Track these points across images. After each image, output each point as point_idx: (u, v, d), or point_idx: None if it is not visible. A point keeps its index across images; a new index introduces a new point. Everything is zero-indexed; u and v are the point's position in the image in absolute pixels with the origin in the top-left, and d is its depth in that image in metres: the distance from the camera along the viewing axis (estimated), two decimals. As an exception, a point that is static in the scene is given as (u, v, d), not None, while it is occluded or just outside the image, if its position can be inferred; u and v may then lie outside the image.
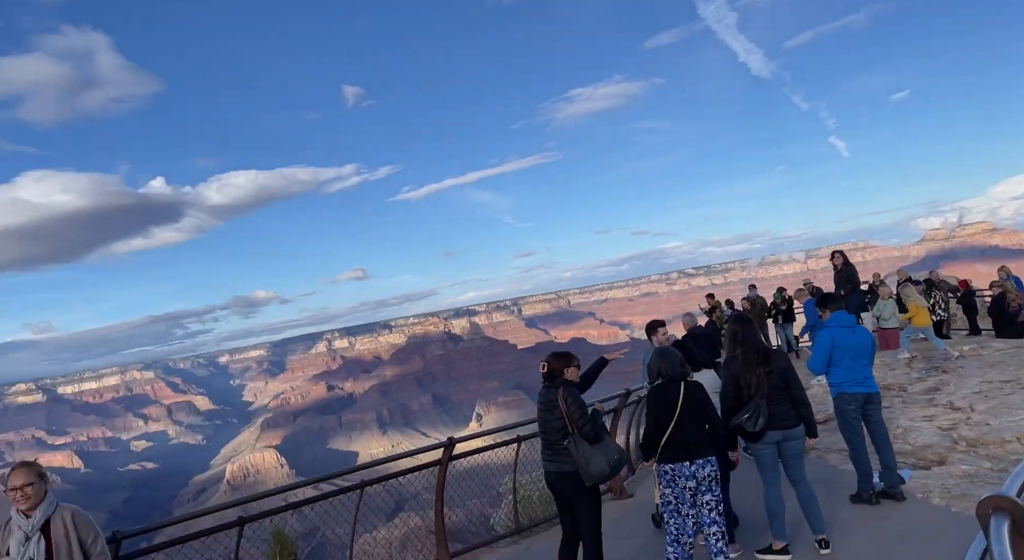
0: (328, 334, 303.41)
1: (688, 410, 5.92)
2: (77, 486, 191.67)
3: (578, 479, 5.75)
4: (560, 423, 5.77)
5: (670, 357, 6.25)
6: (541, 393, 6.11)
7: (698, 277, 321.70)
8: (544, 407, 5.97)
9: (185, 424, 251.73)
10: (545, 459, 6.01)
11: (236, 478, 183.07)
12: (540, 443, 6.12)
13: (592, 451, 5.74)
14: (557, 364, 5.99)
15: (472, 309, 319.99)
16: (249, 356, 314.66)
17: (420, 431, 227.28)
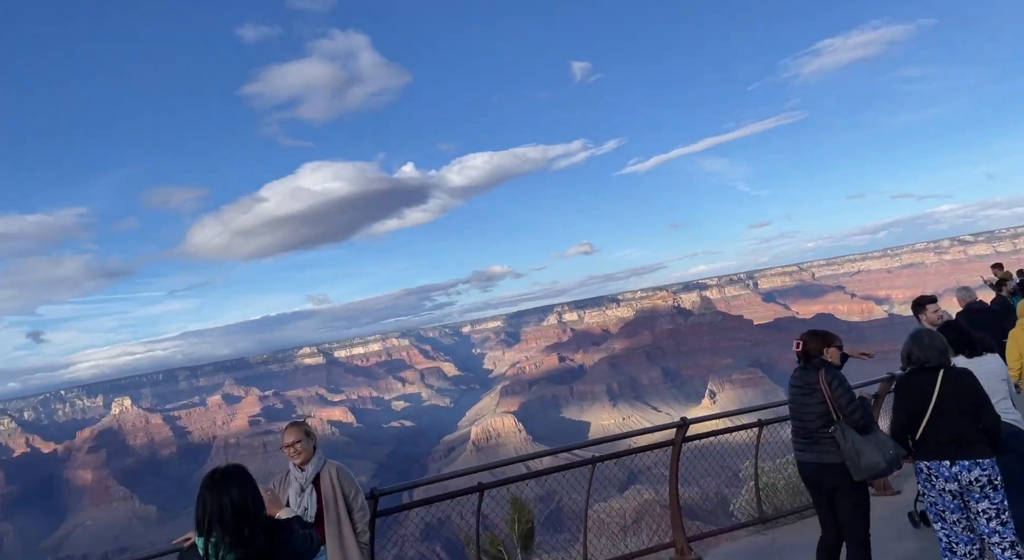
0: (558, 307, 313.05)
1: (948, 403, 5.09)
2: (351, 438, 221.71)
3: (843, 472, 5.19)
4: (822, 408, 5.27)
5: (924, 341, 5.38)
6: (795, 375, 5.56)
7: (977, 245, 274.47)
8: (800, 390, 5.45)
9: (435, 388, 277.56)
10: (799, 448, 5.50)
11: (480, 440, 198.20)
12: (791, 429, 5.62)
13: (863, 442, 5.10)
14: (815, 343, 5.46)
15: (702, 283, 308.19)
16: (488, 327, 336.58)
17: (650, 405, 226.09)
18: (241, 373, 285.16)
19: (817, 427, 5.32)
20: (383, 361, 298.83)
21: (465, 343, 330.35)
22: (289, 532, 4.50)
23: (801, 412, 5.45)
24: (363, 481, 37.63)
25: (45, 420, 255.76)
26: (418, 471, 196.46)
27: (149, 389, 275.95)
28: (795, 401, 5.52)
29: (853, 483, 5.22)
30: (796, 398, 5.51)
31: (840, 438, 5.15)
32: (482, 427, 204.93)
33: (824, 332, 5.59)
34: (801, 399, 5.44)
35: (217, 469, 4.55)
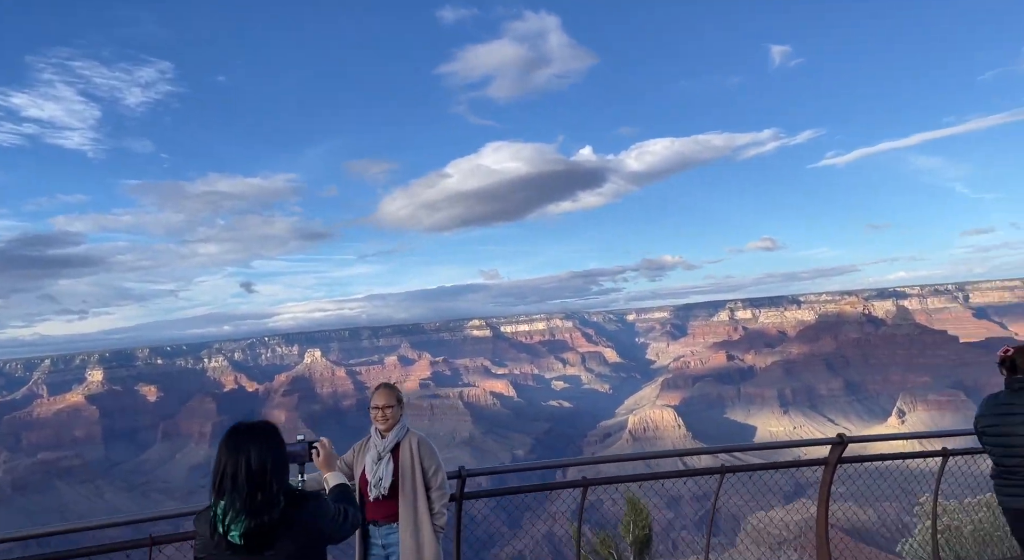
0: (731, 303, 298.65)
1: None
2: (511, 412, 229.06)
3: None
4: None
5: None
6: (1000, 397, 4.52)
7: None
8: (1012, 418, 4.42)
9: (595, 372, 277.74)
10: (1011, 493, 4.48)
11: (637, 430, 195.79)
12: (994, 469, 4.60)
13: None
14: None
15: (900, 291, 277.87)
16: (653, 317, 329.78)
17: (827, 417, 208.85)
18: (416, 338, 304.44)
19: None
20: (546, 340, 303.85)
21: (629, 331, 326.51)
22: (316, 505, 3.95)
23: (1007, 445, 4.37)
24: (519, 455, 38.62)
25: (251, 362, 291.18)
26: (573, 451, 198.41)
27: (336, 344, 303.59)
28: (1003, 431, 4.43)
29: None
30: (1005, 427, 4.43)
31: None
32: (640, 417, 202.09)
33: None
34: (1008, 428, 4.38)
35: (241, 423, 4.16)
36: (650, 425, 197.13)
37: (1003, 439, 4.35)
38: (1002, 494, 4.47)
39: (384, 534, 5.16)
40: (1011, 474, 4.35)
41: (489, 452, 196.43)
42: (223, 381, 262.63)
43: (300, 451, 4.60)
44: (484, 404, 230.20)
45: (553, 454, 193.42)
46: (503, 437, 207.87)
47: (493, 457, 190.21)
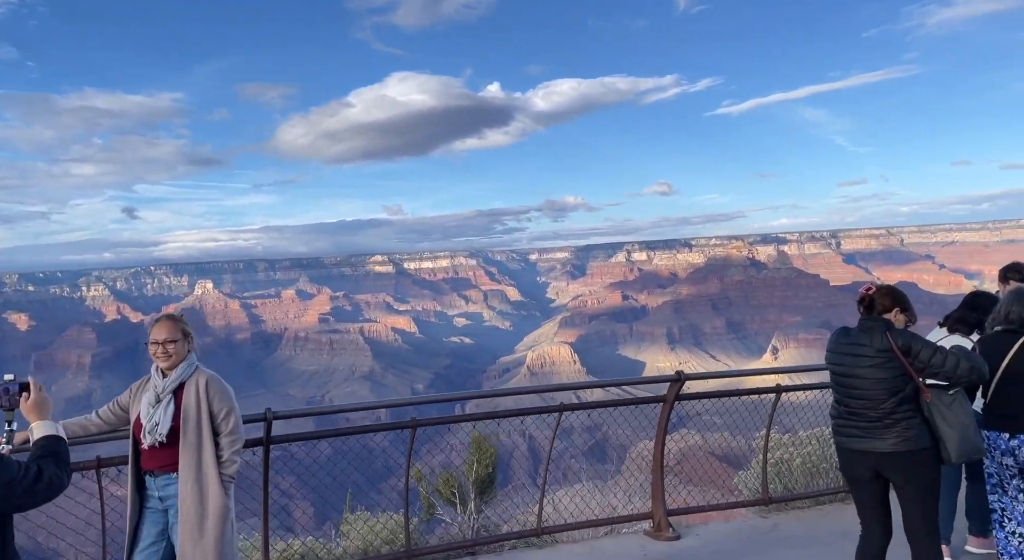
0: (628, 245, 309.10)
1: (1020, 370, 4.57)
2: (412, 348, 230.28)
3: (924, 457, 4.14)
4: (896, 381, 4.11)
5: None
6: (850, 336, 4.35)
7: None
8: (861, 359, 4.19)
9: (497, 310, 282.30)
10: (854, 434, 4.26)
11: (534, 365, 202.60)
12: (836, 410, 4.44)
13: (964, 416, 4.14)
14: (886, 300, 4.39)
15: (781, 236, 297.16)
16: (555, 257, 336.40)
17: (709, 353, 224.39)
18: (315, 272, 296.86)
19: (888, 406, 4.12)
20: (449, 277, 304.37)
21: (531, 270, 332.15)
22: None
23: (860, 387, 4.18)
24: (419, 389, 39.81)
25: (135, 292, 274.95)
26: (472, 387, 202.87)
27: (230, 275, 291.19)
28: (850, 373, 4.22)
29: (932, 469, 4.22)
30: (853, 369, 4.20)
31: (938, 417, 4.13)
32: (538, 353, 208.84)
33: (902, 293, 4.47)
34: (863, 370, 4.16)
35: None
36: (547, 361, 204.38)
37: (848, 380, 4.22)
38: (841, 435, 4.34)
39: (161, 485, 4.46)
40: (853, 415, 4.21)
41: (389, 387, 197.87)
42: (104, 311, 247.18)
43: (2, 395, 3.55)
44: (385, 340, 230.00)
45: (453, 388, 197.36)
46: (404, 372, 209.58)
47: (393, 391, 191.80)
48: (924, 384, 4.17)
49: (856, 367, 4.23)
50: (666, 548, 5.97)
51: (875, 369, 4.15)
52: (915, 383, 4.17)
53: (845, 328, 4.53)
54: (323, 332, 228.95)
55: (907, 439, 4.13)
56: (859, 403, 4.24)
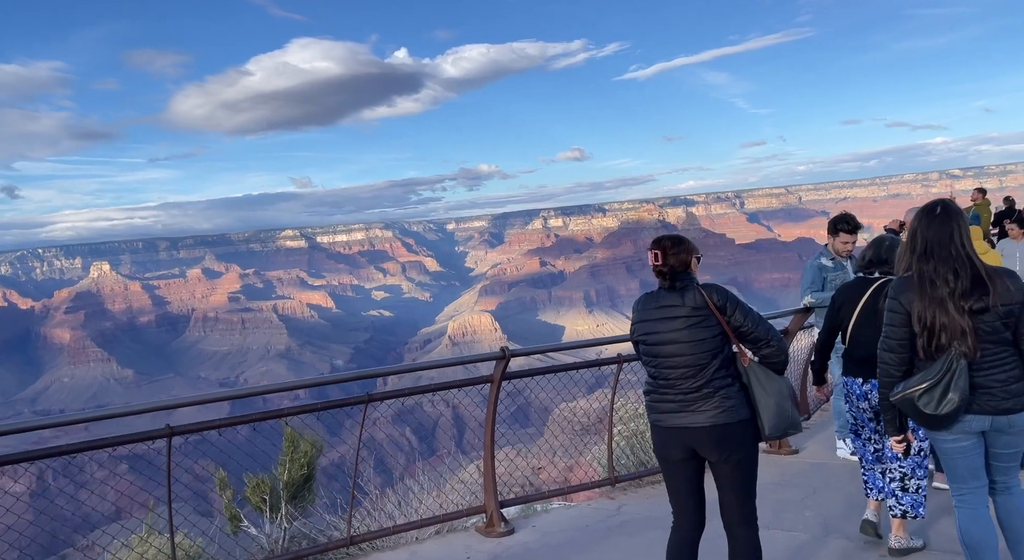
0: (544, 212, 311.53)
1: (872, 315, 4.42)
2: (329, 323, 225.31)
3: (738, 432, 3.66)
4: (711, 345, 3.64)
5: (885, 243, 4.71)
6: (661, 297, 3.77)
7: (965, 179, 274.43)
8: (671, 322, 3.68)
9: (416, 281, 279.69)
10: (670, 408, 3.73)
11: (456, 335, 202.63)
12: (650, 383, 3.85)
13: (781, 384, 3.70)
14: (683, 254, 3.73)
15: (690, 198, 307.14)
16: (472, 226, 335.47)
17: (625, 315, 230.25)
18: (222, 249, 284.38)
19: (708, 372, 3.65)
20: (365, 250, 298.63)
21: (448, 240, 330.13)
22: None
23: (678, 353, 3.66)
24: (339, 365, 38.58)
25: (22, 276, 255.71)
26: (394, 359, 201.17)
27: (128, 256, 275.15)
28: (665, 339, 3.70)
29: (749, 446, 3.75)
30: (668, 333, 3.69)
31: (756, 383, 3.67)
32: (459, 323, 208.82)
33: (686, 238, 3.89)
34: (679, 333, 3.66)
35: None
36: (469, 330, 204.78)
37: (663, 347, 3.69)
38: (656, 411, 3.80)
39: None
40: (669, 387, 3.71)
41: (307, 364, 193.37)
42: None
43: None
44: (300, 316, 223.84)
45: (374, 362, 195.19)
46: (321, 348, 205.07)
47: (312, 368, 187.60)
48: (755, 346, 3.71)
49: (671, 331, 3.66)
50: (493, 546, 5.34)
51: (693, 330, 3.62)
52: (735, 344, 3.70)
53: (649, 292, 3.87)
54: (234, 311, 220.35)
55: (726, 410, 3.61)
56: (677, 372, 3.66)
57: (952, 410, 3.33)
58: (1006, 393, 3.35)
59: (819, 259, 6.38)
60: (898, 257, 3.70)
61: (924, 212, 3.54)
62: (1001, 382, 3.35)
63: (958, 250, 3.35)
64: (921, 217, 3.51)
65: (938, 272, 3.34)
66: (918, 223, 3.48)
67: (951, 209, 3.50)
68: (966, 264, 3.33)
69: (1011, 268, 3.41)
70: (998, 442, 3.46)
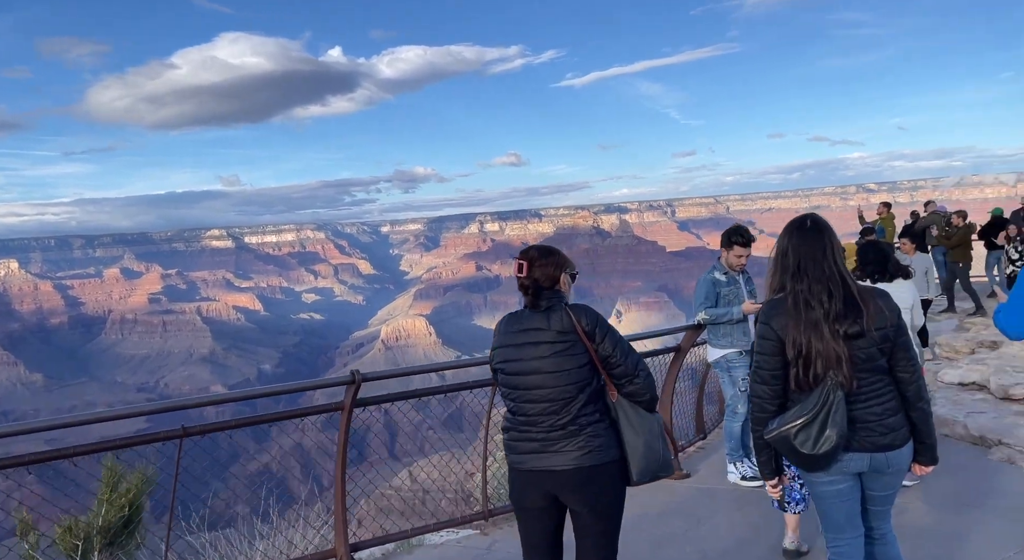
0: (481, 216, 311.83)
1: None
2: (256, 326, 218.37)
3: (606, 476, 3.12)
4: (582, 373, 3.10)
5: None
6: (524, 318, 3.27)
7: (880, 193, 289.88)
8: (534, 348, 3.15)
9: (348, 284, 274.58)
10: (527, 448, 3.17)
11: (389, 339, 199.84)
12: (510, 419, 3.29)
13: (652, 422, 3.17)
14: (551, 268, 3.28)
15: (624, 206, 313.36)
16: (408, 229, 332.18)
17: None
18: (142, 248, 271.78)
19: (575, 407, 3.10)
20: (296, 252, 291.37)
21: (383, 243, 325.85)
22: None
23: (541, 384, 3.11)
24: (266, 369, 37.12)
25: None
26: (324, 364, 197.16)
27: (39, 254, 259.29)
28: (527, 368, 3.15)
29: (618, 490, 3.21)
30: (531, 362, 3.14)
31: (624, 418, 3.14)
32: (393, 327, 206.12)
33: (558, 250, 3.45)
34: (543, 361, 3.11)
35: None
36: (403, 334, 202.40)
37: (524, 378, 3.15)
38: (515, 452, 3.23)
39: None
40: (530, 425, 3.15)
41: (232, 368, 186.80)
42: None
43: None
44: (226, 319, 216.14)
45: (303, 366, 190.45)
46: (248, 352, 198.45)
47: (237, 372, 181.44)
48: (620, 381, 3.17)
49: (534, 358, 3.11)
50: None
51: (558, 358, 3.08)
52: (604, 376, 3.16)
53: (513, 313, 3.34)
54: (154, 313, 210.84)
55: (593, 450, 3.07)
56: (539, 407, 3.11)
57: (831, 448, 2.87)
58: (884, 427, 2.93)
59: (712, 273, 6.12)
60: (767, 277, 3.17)
61: (795, 227, 3.08)
62: (878, 415, 2.93)
63: (831, 267, 2.93)
64: (792, 232, 3.06)
65: (812, 292, 2.90)
66: (789, 239, 3.04)
67: (821, 224, 3.10)
68: (839, 283, 2.91)
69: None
70: (876, 484, 3.06)
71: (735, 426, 6.06)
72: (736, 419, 6.05)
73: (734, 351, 6.01)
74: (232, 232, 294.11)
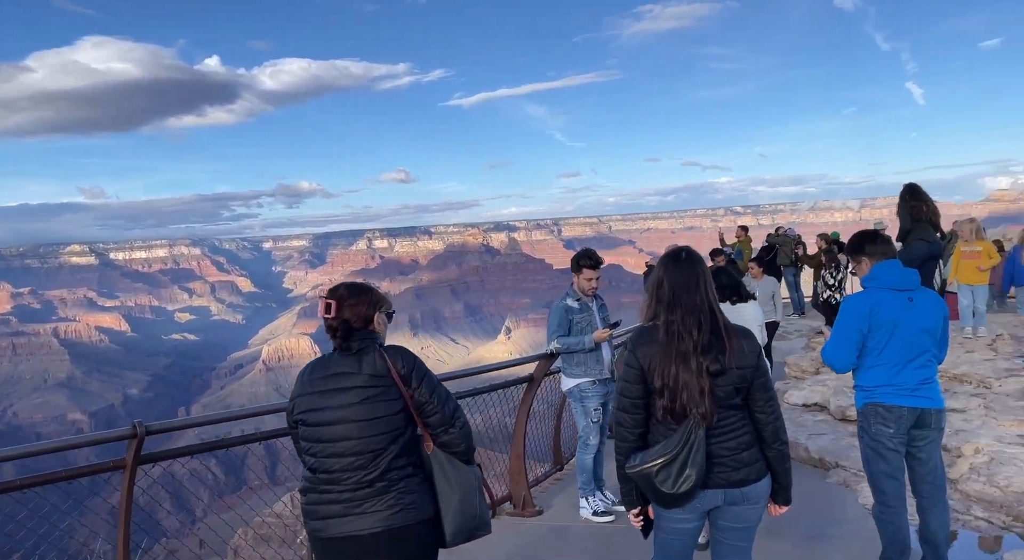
0: (369, 233, 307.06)
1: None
2: (122, 348, 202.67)
3: (418, 538, 2.80)
4: (395, 421, 2.78)
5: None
6: (332, 363, 2.87)
7: (745, 216, 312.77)
8: (343, 389, 2.78)
9: (227, 303, 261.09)
10: (328, 512, 2.74)
11: (271, 359, 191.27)
12: (308, 480, 2.83)
13: (468, 476, 2.90)
14: (363, 307, 2.91)
15: (512, 224, 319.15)
16: (292, 245, 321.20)
17: (449, 337, 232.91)
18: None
19: (385, 460, 2.75)
20: (168, 269, 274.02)
21: (265, 259, 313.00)
22: None
23: (347, 435, 2.74)
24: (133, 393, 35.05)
25: None
26: (199, 386, 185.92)
27: None
28: (331, 419, 2.77)
29: (431, 554, 2.90)
30: (330, 411, 2.77)
31: (440, 475, 2.84)
32: (275, 347, 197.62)
33: (372, 288, 3.06)
34: (350, 410, 2.75)
35: None
36: (285, 354, 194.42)
37: (327, 430, 2.78)
38: (316, 517, 2.78)
39: None
40: (332, 483, 2.76)
41: (94, 393, 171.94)
42: None
43: None
44: (87, 341, 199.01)
45: (176, 390, 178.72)
46: (112, 376, 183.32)
47: (99, 398, 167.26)
48: (435, 430, 2.85)
49: (342, 407, 2.75)
50: None
51: (368, 405, 2.74)
52: (419, 425, 2.84)
53: (320, 358, 2.96)
54: (3, 335, 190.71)
55: (404, 509, 2.74)
56: (344, 461, 2.73)
57: (690, 487, 2.79)
58: (737, 462, 2.87)
59: (565, 300, 5.83)
60: (642, 307, 3.16)
61: (670, 259, 3.03)
62: (731, 450, 2.87)
63: (703, 299, 2.89)
64: (667, 264, 3.01)
65: (684, 323, 2.85)
66: (664, 270, 2.99)
67: (695, 256, 3.07)
68: (709, 315, 2.88)
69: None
70: (727, 515, 2.94)
71: (587, 458, 5.77)
72: (588, 451, 5.76)
73: (587, 380, 5.70)
74: (95, 248, 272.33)
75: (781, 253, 15.97)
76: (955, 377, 7.81)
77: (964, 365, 8.08)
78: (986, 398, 6.95)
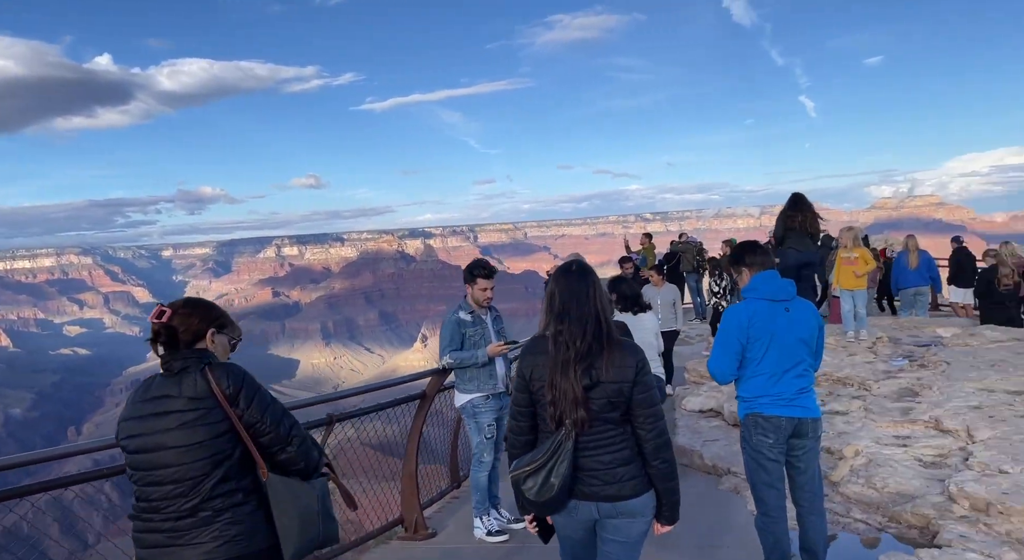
0: (278, 240, 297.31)
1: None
2: (5, 364, 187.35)
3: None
4: (218, 444, 2.54)
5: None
6: (155, 385, 2.61)
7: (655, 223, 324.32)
8: (163, 413, 2.53)
9: (122, 314, 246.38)
10: (154, 541, 2.53)
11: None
12: (137, 505, 2.59)
13: (308, 497, 2.69)
14: (196, 320, 2.68)
15: (428, 231, 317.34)
16: (194, 253, 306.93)
17: (364, 346, 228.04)
18: None
19: (207, 487, 2.52)
20: (56, 279, 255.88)
21: (164, 268, 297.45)
22: None
23: (166, 463, 2.51)
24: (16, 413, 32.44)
25: None
26: (92, 404, 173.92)
27: None
28: (143, 444, 2.55)
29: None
30: (147, 437, 2.54)
31: (274, 501, 2.60)
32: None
33: (216, 307, 2.83)
34: (168, 435, 2.51)
35: None
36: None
37: (147, 457, 2.55)
38: (143, 546, 2.57)
39: None
40: (154, 512, 2.55)
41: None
42: None
43: None
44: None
45: (65, 408, 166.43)
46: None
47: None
48: (270, 450, 2.65)
49: (159, 432, 2.54)
50: None
51: (187, 430, 2.52)
52: (247, 447, 2.60)
53: (147, 379, 2.72)
54: None
55: (232, 540, 2.53)
56: (163, 489, 2.54)
57: (551, 497, 2.78)
58: (610, 477, 2.82)
59: (457, 313, 5.61)
60: (540, 319, 3.15)
61: (561, 272, 3.05)
62: (605, 464, 2.82)
63: (592, 309, 2.90)
64: (559, 277, 3.02)
65: (571, 333, 2.86)
66: (555, 283, 3.00)
67: (586, 268, 3.10)
68: (594, 327, 2.88)
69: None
70: (607, 527, 2.89)
71: (481, 476, 5.57)
72: (482, 468, 5.56)
73: (480, 396, 5.52)
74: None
75: (684, 260, 16.38)
76: (839, 380, 8.07)
77: (847, 368, 8.34)
78: (866, 400, 7.18)
